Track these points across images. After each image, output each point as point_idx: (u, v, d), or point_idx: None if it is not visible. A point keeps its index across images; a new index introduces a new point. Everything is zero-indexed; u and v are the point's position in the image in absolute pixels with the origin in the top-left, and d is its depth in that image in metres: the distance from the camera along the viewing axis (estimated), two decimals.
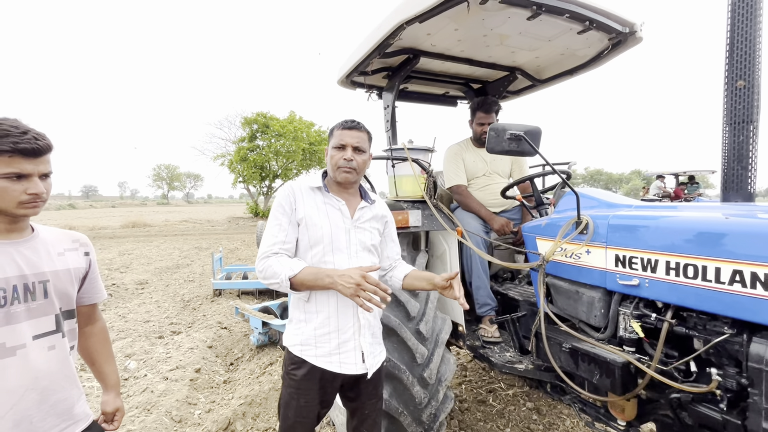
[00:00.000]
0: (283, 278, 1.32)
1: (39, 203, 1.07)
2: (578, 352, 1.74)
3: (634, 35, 2.25)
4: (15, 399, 1.03)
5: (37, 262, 1.11)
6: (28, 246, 1.11)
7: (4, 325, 1.03)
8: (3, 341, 1.02)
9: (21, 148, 1.01)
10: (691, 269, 1.36)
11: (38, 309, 1.10)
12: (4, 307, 1.03)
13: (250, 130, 23.20)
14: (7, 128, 1.01)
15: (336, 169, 1.47)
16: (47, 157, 1.08)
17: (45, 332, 1.11)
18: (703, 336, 1.36)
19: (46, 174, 1.09)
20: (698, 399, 1.38)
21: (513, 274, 2.93)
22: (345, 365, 1.44)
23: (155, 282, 7.53)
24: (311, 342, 1.43)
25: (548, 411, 2.92)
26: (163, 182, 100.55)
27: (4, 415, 1.02)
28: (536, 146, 1.77)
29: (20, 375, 1.04)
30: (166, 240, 14.73)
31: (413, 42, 2.46)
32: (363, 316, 1.47)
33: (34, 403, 1.07)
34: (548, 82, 3.01)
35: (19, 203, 1.04)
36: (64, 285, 1.17)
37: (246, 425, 2.75)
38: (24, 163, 1.02)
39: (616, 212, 1.71)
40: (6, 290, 1.04)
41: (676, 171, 14.62)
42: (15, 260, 1.07)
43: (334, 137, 1.49)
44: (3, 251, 1.06)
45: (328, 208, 1.48)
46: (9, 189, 1.02)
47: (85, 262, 1.28)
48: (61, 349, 1.14)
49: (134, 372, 3.58)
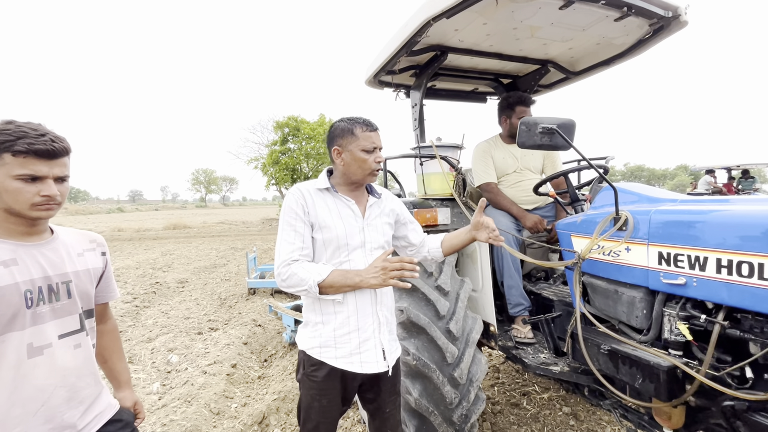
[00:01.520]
0: (311, 284, 1.31)
1: (53, 206, 1.07)
2: (618, 355, 1.66)
3: (678, 19, 2.11)
4: (45, 396, 1.06)
5: (60, 263, 1.13)
6: (50, 248, 1.13)
7: (31, 325, 1.05)
8: (30, 341, 1.04)
9: (36, 149, 1.01)
10: (746, 267, 1.25)
11: (62, 309, 1.12)
12: (30, 308, 1.04)
13: (282, 133, 23.81)
14: (26, 130, 1.02)
15: (368, 172, 1.45)
16: (63, 160, 1.08)
17: (70, 331, 1.13)
18: (760, 339, 1.25)
19: (62, 177, 1.08)
20: (755, 407, 1.27)
21: (547, 273, 2.84)
22: (366, 364, 1.43)
23: (194, 281, 7.90)
24: (331, 343, 1.42)
25: (586, 417, 2.80)
26: (201, 186, 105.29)
27: (36, 411, 1.04)
28: (570, 140, 1.70)
29: (49, 373, 1.07)
30: (204, 241, 15.43)
31: (441, 38, 2.43)
32: (381, 313, 1.47)
33: (63, 400, 1.09)
34: (583, 74, 2.89)
35: (32, 205, 1.03)
36: (85, 285, 1.19)
37: (280, 420, 2.83)
38: (38, 164, 1.02)
39: (659, 207, 1.61)
40: (32, 291, 1.05)
41: (728, 165, 13.55)
42: (39, 262, 1.08)
43: (360, 139, 1.43)
44: (27, 253, 1.07)
45: (339, 209, 1.47)
46: (23, 190, 1.02)
47: (102, 261, 1.30)
48: (86, 347, 1.17)
49: (176, 365, 3.77)
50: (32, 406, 1.04)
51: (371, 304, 1.45)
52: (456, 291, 2.24)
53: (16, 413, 1.02)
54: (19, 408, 1.02)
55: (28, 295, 1.04)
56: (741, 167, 13.32)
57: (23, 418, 1.02)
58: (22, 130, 1.01)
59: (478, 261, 2.59)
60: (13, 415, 1.01)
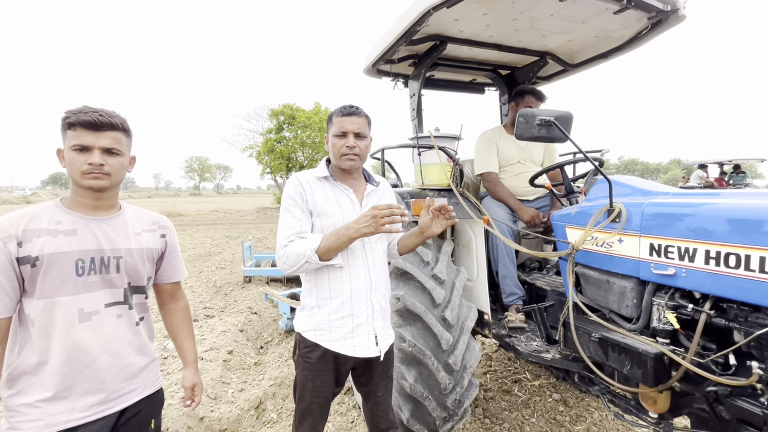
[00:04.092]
0: (309, 254, 1.35)
1: (100, 175, 1.14)
2: (608, 342, 1.71)
3: (676, 13, 2.12)
4: (90, 359, 1.16)
5: (115, 239, 1.22)
6: (109, 224, 1.22)
7: (82, 292, 1.15)
8: (81, 307, 1.15)
9: (82, 120, 1.11)
10: (733, 258, 1.30)
11: (110, 281, 1.20)
12: (81, 276, 1.14)
13: (277, 121, 23.58)
14: (84, 108, 1.13)
15: (340, 157, 1.48)
16: (111, 134, 1.15)
17: (115, 302, 1.22)
18: (744, 328, 1.30)
19: (109, 149, 1.15)
20: (737, 393, 1.33)
21: (541, 264, 2.88)
22: (358, 348, 1.48)
23: (189, 269, 7.88)
24: (325, 327, 1.46)
25: (575, 403, 2.88)
26: (194, 174, 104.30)
27: (82, 371, 1.15)
28: (567, 132, 1.72)
29: (95, 338, 1.17)
30: (198, 229, 15.35)
31: (440, 28, 2.42)
32: (375, 300, 1.50)
33: (106, 365, 1.19)
34: (581, 66, 2.90)
35: (82, 173, 1.13)
36: (135, 262, 1.26)
37: (276, 405, 2.88)
38: (85, 135, 1.12)
39: (651, 200, 1.65)
40: (84, 261, 1.15)
41: (720, 160, 13.71)
42: (96, 235, 1.18)
43: (333, 125, 1.48)
44: (86, 226, 1.17)
45: (337, 196, 1.50)
46: (75, 160, 1.12)
47: (161, 243, 1.37)
48: (128, 319, 1.25)
49: (173, 351, 3.79)
50: (78, 366, 1.14)
51: (365, 290, 1.48)
52: (451, 280, 2.28)
53: (66, 370, 1.13)
54: (68, 365, 1.13)
55: (79, 264, 1.14)
56: (733, 162, 13.50)
57: (70, 375, 1.13)
58: (84, 109, 1.13)
59: (473, 251, 2.63)
60: (63, 371, 1.12)
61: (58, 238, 1.12)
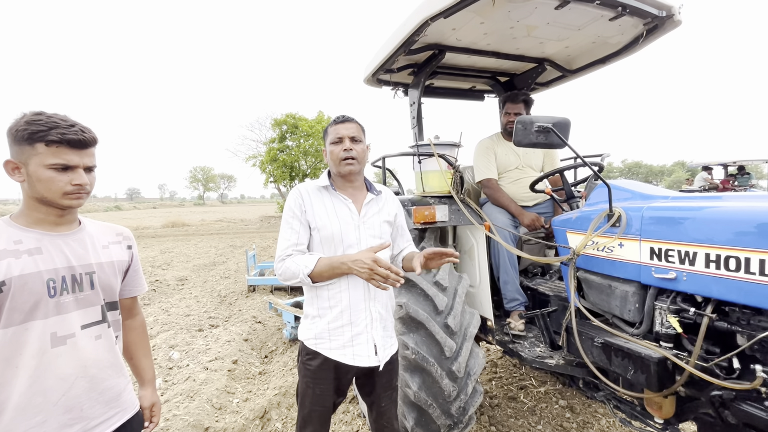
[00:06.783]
0: (302, 276, 1.38)
1: (83, 194, 1.10)
2: (611, 347, 1.70)
3: (671, 18, 2.14)
4: (66, 386, 1.06)
5: (84, 254, 1.14)
6: (75, 238, 1.14)
7: (55, 314, 1.06)
8: (54, 330, 1.05)
9: (68, 139, 1.04)
10: (733, 262, 1.30)
11: (85, 300, 1.12)
12: (53, 297, 1.05)
13: (280, 131, 23.78)
14: (56, 120, 1.05)
15: (339, 162, 1.50)
16: (92, 150, 1.11)
17: (92, 322, 1.13)
18: (747, 331, 1.30)
19: (91, 167, 1.11)
20: (742, 397, 1.32)
21: (544, 269, 2.88)
22: (358, 357, 1.48)
23: (194, 278, 7.92)
24: (325, 335, 1.48)
25: (582, 409, 2.85)
26: (199, 184, 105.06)
27: (57, 401, 1.05)
28: (565, 138, 1.74)
29: (71, 363, 1.07)
30: (203, 239, 15.44)
31: (438, 37, 2.46)
32: (375, 309, 1.51)
33: (84, 391, 1.10)
34: (579, 72, 2.92)
35: (64, 194, 1.06)
36: (108, 277, 1.19)
37: (281, 414, 2.87)
38: (70, 154, 1.05)
39: (651, 204, 1.66)
40: (56, 281, 1.06)
41: (724, 161, 13.62)
42: (63, 252, 1.10)
43: (329, 134, 1.52)
44: (51, 243, 1.09)
45: (336, 207, 1.51)
46: (55, 179, 1.04)
47: (127, 255, 1.30)
48: (107, 339, 1.17)
49: (177, 362, 3.80)
50: (54, 396, 1.04)
51: (364, 300, 1.49)
52: (454, 287, 2.28)
53: (38, 401, 1.02)
54: (40, 396, 1.02)
55: (50, 284, 1.05)
56: (737, 163, 13.40)
57: (44, 407, 1.03)
58: (53, 120, 1.04)
59: (475, 257, 2.64)
60: (35, 403, 1.02)
61: (23, 259, 1.02)
